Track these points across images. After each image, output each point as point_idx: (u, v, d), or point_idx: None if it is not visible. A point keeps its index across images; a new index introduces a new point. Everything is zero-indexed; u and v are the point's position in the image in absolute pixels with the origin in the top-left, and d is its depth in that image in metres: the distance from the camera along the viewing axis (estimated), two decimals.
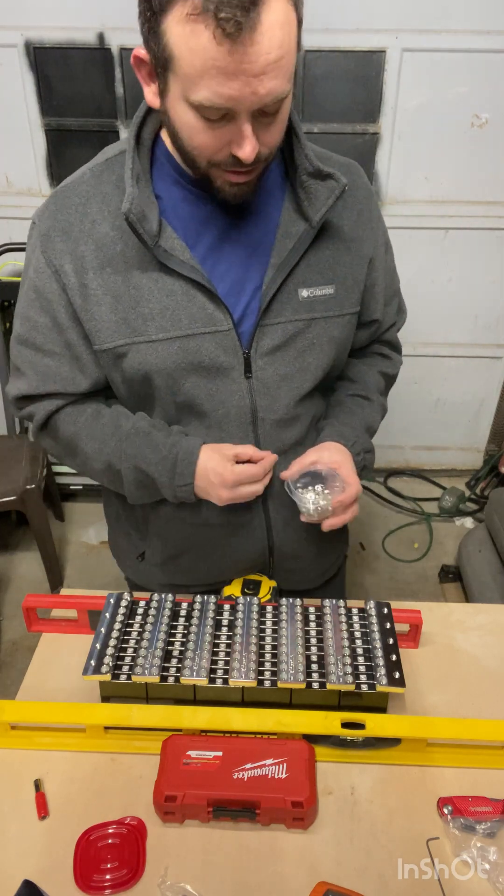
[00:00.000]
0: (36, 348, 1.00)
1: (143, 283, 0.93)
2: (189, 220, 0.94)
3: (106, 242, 0.93)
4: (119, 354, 0.97)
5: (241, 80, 0.73)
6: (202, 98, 0.75)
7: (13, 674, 2.19)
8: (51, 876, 0.77)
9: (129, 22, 2.64)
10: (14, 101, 2.48)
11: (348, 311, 1.03)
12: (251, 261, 0.96)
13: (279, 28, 0.72)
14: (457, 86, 2.36)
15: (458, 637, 1.09)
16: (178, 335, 0.94)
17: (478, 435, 3.08)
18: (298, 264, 0.96)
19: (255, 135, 0.79)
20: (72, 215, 0.93)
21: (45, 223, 0.95)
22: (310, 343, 1.00)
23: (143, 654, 0.94)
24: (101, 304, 0.94)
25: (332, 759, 0.89)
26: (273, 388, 1.00)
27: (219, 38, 0.70)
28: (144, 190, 0.90)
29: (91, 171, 0.96)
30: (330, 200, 0.93)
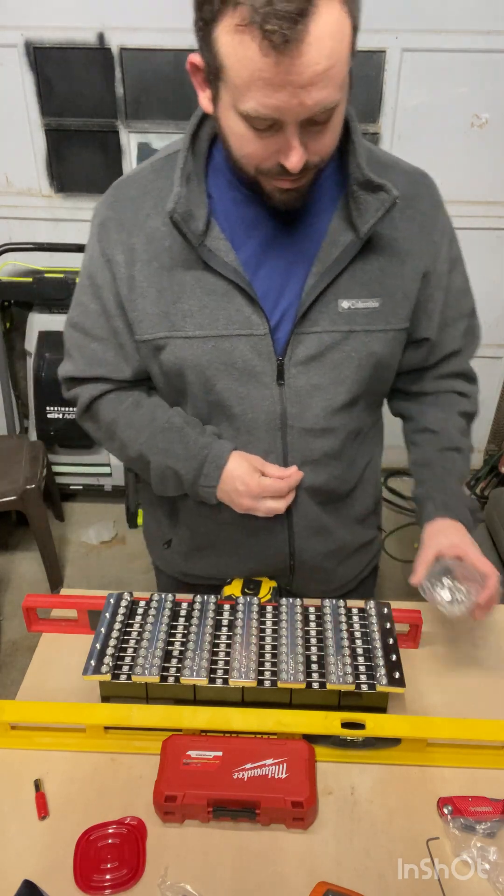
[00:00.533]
0: (85, 333, 1.05)
1: (185, 279, 0.95)
2: (238, 221, 0.94)
3: (156, 237, 0.95)
4: (158, 347, 0.99)
5: (287, 90, 0.72)
6: (249, 108, 0.75)
7: (13, 674, 2.19)
8: (51, 876, 0.77)
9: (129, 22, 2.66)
10: (14, 101, 2.48)
11: (394, 327, 0.99)
12: (295, 267, 0.95)
13: (329, 38, 0.71)
14: (457, 86, 2.36)
15: (458, 637, 1.09)
16: (214, 334, 0.96)
17: (478, 435, 3.06)
18: (342, 275, 0.94)
19: (304, 144, 0.79)
20: (127, 207, 0.97)
21: (103, 213, 0.99)
22: (347, 356, 0.98)
23: (143, 654, 0.94)
24: (146, 296, 0.97)
25: (332, 759, 0.89)
26: (305, 397, 0.99)
27: (265, 49, 0.70)
28: (195, 190, 0.91)
29: (151, 165, 0.98)
30: (379, 212, 0.90)
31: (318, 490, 1.06)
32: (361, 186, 0.90)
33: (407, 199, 0.96)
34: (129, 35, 2.36)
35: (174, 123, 2.54)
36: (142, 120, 2.53)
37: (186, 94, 2.48)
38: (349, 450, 1.07)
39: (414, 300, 1.00)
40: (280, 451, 1.02)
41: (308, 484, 1.04)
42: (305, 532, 1.09)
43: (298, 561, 1.13)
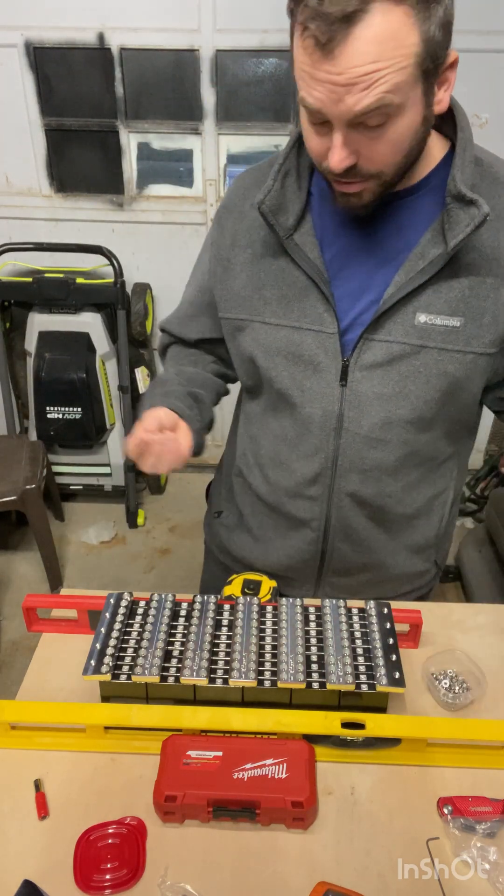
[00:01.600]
0: (186, 294, 1.17)
1: (272, 268, 0.99)
2: (331, 218, 0.96)
3: (255, 226, 1.00)
4: (238, 327, 1.04)
5: (326, 87, 0.74)
6: (302, 97, 0.78)
7: (13, 674, 2.19)
8: (51, 876, 0.77)
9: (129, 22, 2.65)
10: (14, 101, 2.49)
11: (475, 350, 0.94)
12: (378, 272, 0.95)
13: (375, 44, 0.71)
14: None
15: (458, 637, 1.09)
16: (287, 324, 0.99)
17: (478, 435, 3.07)
18: (425, 288, 0.92)
19: (353, 147, 0.79)
20: (240, 196, 1.03)
21: (223, 201, 1.07)
22: (415, 370, 0.95)
23: (143, 654, 0.94)
24: (237, 278, 1.02)
25: (332, 759, 0.89)
26: (365, 403, 0.98)
27: (309, 47, 0.73)
28: (292, 185, 0.94)
29: (270, 159, 1.02)
30: (469, 228, 0.86)
31: (364, 501, 1.05)
32: (455, 200, 0.88)
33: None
34: (129, 35, 2.36)
35: (174, 123, 2.54)
36: (142, 120, 2.53)
37: (186, 94, 2.48)
38: (409, 471, 1.05)
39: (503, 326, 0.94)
40: (331, 452, 1.03)
41: (352, 490, 1.04)
42: (340, 535, 1.09)
43: (329, 563, 1.13)
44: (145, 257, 2.76)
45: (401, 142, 0.81)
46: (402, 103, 0.77)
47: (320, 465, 1.04)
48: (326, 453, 1.03)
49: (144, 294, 2.72)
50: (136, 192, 2.66)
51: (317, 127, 0.81)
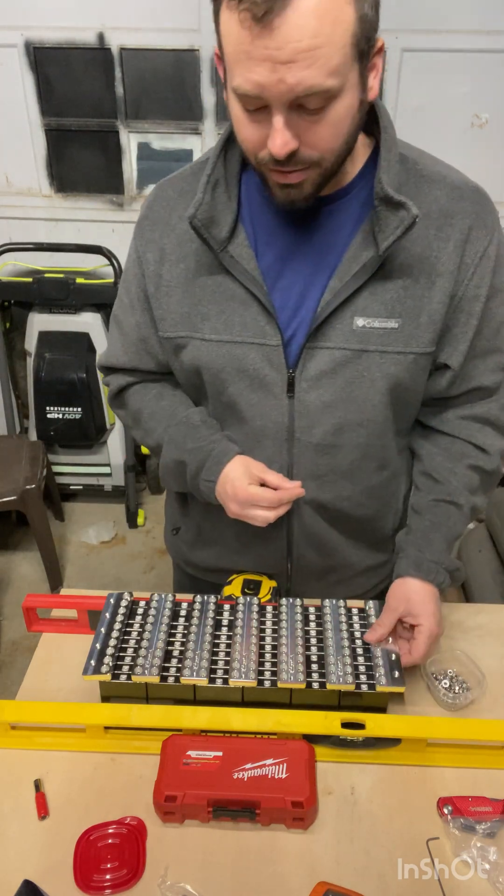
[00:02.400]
0: (118, 324, 1.10)
1: (207, 283, 0.96)
2: (264, 226, 0.93)
3: (185, 239, 0.96)
4: (178, 345, 1.01)
5: (267, 65, 0.71)
6: (237, 84, 0.75)
7: (13, 674, 2.19)
8: (51, 876, 0.77)
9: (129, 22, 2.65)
10: (14, 101, 2.48)
11: (414, 350, 0.94)
12: (315, 278, 0.94)
13: (315, 17, 0.69)
14: (457, 86, 2.36)
15: (458, 637, 1.08)
16: (228, 339, 0.96)
17: None
18: (360, 292, 0.91)
19: (294, 131, 0.76)
20: (163, 208, 0.99)
21: (143, 211, 1.02)
22: (359, 375, 0.95)
23: (143, 654, 0.94)
24: (171, 295, 0.99)
25: (332, 759, 0.89)
26: (314, 412, 0.97)
27: (245, 21, 0.69)
28: (222, 196, 0.91)
29: (191, 167, 0.99)
30: (398, 230, 0.85)
31: (322, 506, 1.05)
32: (383, 203, 0.86)
33: (446, 216, 0.91)
34: (129, 35, 2.36)
35: (174, 123, 2.54)
36: (142, 120, 2.53)
37: (186, 94, 2.48)
38: (364, 472, 1.04)
39: (440, 324, 0.93)
40: (285, 462, 1.02)
41: (311, 497, 1.03)
42: (304, 542, 1.09)
43: (296, 568, 1.13)
44: None
45: (341, 125, 0.79)
46: (342, 85, 0.75)
47: None
48: (281, 464, 1.02)
49: None
50: (136, 192, 2.66)
51: (252, 114, 0.77)
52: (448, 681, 0.98)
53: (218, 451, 1.00)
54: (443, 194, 0.91)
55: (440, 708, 0.97)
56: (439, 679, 0.99)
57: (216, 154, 0.91)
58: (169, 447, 1.05)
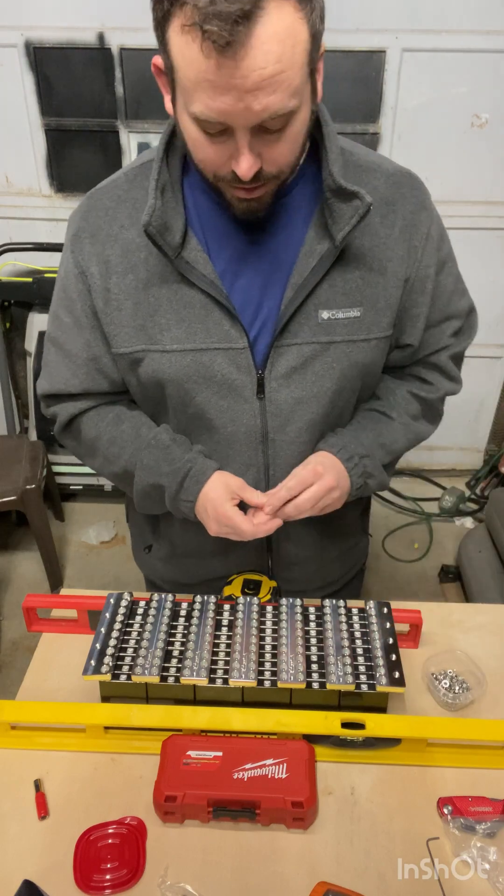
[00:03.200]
0: (60, 347, 1.02)
1: (162, 292, 0.93)
2: (214, 230, 0.92)
3: (132, 248, 0.93)
4: (135, 360, 0.97)
5: (232, 94, 0.70)
6: (197, 111, 0.73)
7: (13, 674, 2.19)
8: (51, 876, 0.77)
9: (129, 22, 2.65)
10: (14, 101, 2.48)
11: (376, 336, 0.97)
12: (272, 278, 0.93)
13: (276, 42, 0.68)
14: (457, 86, 2.36)
15: (458, 637, 1.09)
16: (192, 348, 0.94)
17: (478, 435, 3.08)
18: (321, 285, 0.92)
19: (257, 151, 0.77)
20: (101, 218, 0.94)
21: (77, 224, 0.97)
22: (328, 367, 0.96)
23: (143, 654, 0.94)
24: (122, 308, 0.95)
25: (332, 759, 0.89)
26: (286, 410, 0.98)
27: (206, 51, 0.68)
28: (171, 201, 0.89)
29: (125, 175, 0.96)
30: (353, 220, 0.86)
31: None
32: (335, 194, 0.87)
33: (388, 204, 0.93)
34: (129, 35, 2.36)
35: None
36: (142, 120, 2.53)
37: None
38: None
39: (397, 307, 0.97)
40: (261, 464, 1.02)
41: None
42: (283, 538, 1.09)
43: (276, 562, 1.13)
44: None
45: (298, 140, 0.80)
46: (301, 102, 0.75)
47: (253, 479, 1.02)
48: (257, 466, 1.02)
49: None
50: None
51: (212, 136, 0.76)
52: (448, 681, 0.98)
53: (196, 471, 0.98)
54: (381, 183, 0.94)
55: (440, 708, 0.97)
56: (439, 679, 0.99)
57: (160, 158, 0.89)
58: (142, 473, 1.01)
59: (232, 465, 1.01)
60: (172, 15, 0.70)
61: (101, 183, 0.98)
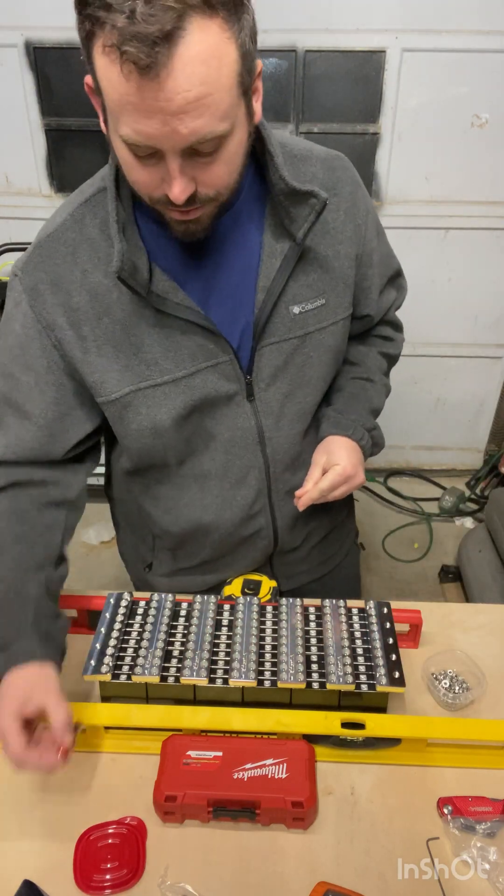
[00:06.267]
0: (16, 408, 0.95)
1: (141, 329, 0.91)
2: (175, 256, 0.90)
3: (100, 291, 0.89)
4: (126, 403, 0.94)
5: (158, 118, 0.67)
6: (124, 134, 0.71)
7: None
8: (51, 876, 0.77)
9: None
10: (14, 101, 2.48)
11: (341, 317, 1.01)
12: (242, 286, 0.94)
13: (200, 64, 0.65)
14: (457, 86, 2.36)
15: (458, 637, 1.09)
16: (182, 374, 0.93)
17: (478, 435, 3.08)
18: (287, 282, 0.93)
19: (190, 175, 0.74)
20: (60, 266, 0.89)
21: (32, 276, 0.90)
22: (307, 357, 0.99)
23: (143, 654, 0.94)
24: (102, 354, 0.91)
25: (332, 759, 0.89)
26: (277, 407, 1.00)
27: (126, 73, 0.65)
28: (132, 238, 0.87)
29: (72, 216, 0.90)
30: (311, 217, 0.88)
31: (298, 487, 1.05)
32: (288, 196, 0.87)
33: (328, 189, 0.93)
34: None
35: None
36: None
37: None
38: None
39: (353, 285, 1.01)
40: (262, 464, 1.03)
41: (290, 487, 1.06)
42: (287, 528, 1.12)
43: (279, 551, 1.15)
44: None
45: (233, 162, 0.77)
46: (233, 125, 0.73)
47: (256, 480, 1.04)
48: (258, 467, 1.03)
49: None
50: None
51: (143, 159, 0.74)
52: (448, 681, 0.98)
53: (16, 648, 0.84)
54: (318, 169, 0.95)
55: (440, 708, 0.97)
56: (439, 679, 0.99)
57: (114, 195, 0.86)
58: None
59: (234, 470, 1.03)
60: (95, 35, 0.66)
61: (44, 229, 0.92)
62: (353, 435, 1.05)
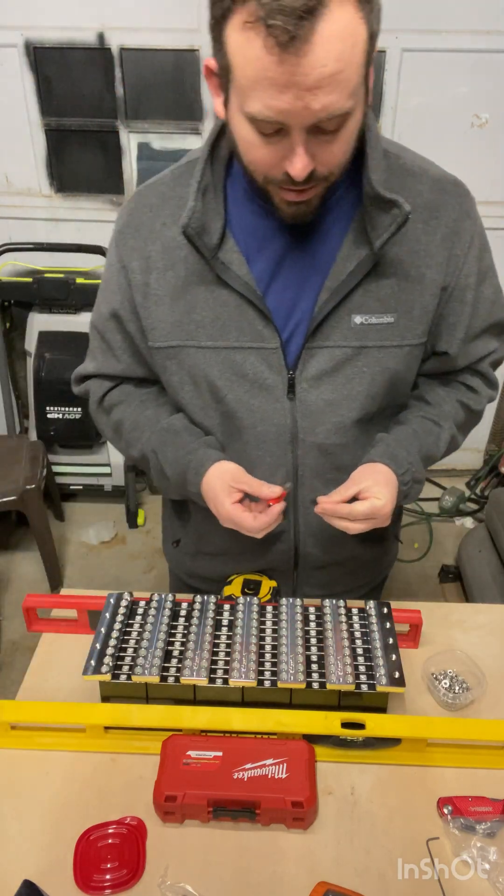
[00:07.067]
0: (101, 336, 1.06)
1: (199, 290, 0.95)
2: (253, 233, 0.93)
3: (172, 246, 0.94)
4: (170, 355, 0.99)
5: (292, 92, 0.70)
6: (254, 110, 0.73)
7: (13, 674, 2.19)
8: (51, 876, 0.77)
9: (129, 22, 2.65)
10: (14, 101, 2.48)
11: (409, 343, 0.97)
12: (309, 281, 0.94)
13: (338, 40, 0.68)
14: (457, 86, 2.36)
15: (458, 637, 1.09)
16: (225, 346, 0.95)
17: (478, 435, 3.08)
18: (356, 290, 0.92)
19: (311, 152, 0.76)
20: (145, 215, 0.96)
21: (123, 219, 0.99)
22: (359, 371, 0.96)
23: (143, 654, 0.94)
24: (161, 304, 0.97)
25: (332, 759, 0.89)
26: (316, 412, 0.98)
27: (269, 46, 0.67)
28: (211, 202, 0.90)
29: (172, 172, 0.97)
30: (392, 228, 0.87)
31: None
32: (373, 202, 0.87)
33: (430, 210, 0.93)
34: (129, 35, 2.36)
35: (174, 123, 2.54)
36: (142, 120, 2.53)
37: (186, 94, 2.48)
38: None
39: (432, 315, 0.97)
40: (290, 465, 1.02)
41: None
42: (310, 540, 1.09)
43: (302, 565, 1.13)
44: None
45: (350, 141, 0.80)
46: (357, 103, 0.75)
47: (282, 481, 1.02)
48: (287, 467, 1.02)
49: None
50: None
51: (267, 137, 0.76)
52: (448, 681, 0.98)
53: (195, 463, 0.99)
54: (426, 188, 0.93)
55: (440, 708, 0.97)
56: (439, 679, 0.99)
57: (204, 160, 0.90)
58: (153, 456, 1.04)
59: (261, 465, 1.02)
60: (232, 12, 0.70)
61: (149, 180, 1.00)
62: (402, 478, 0.99)
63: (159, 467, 1.04)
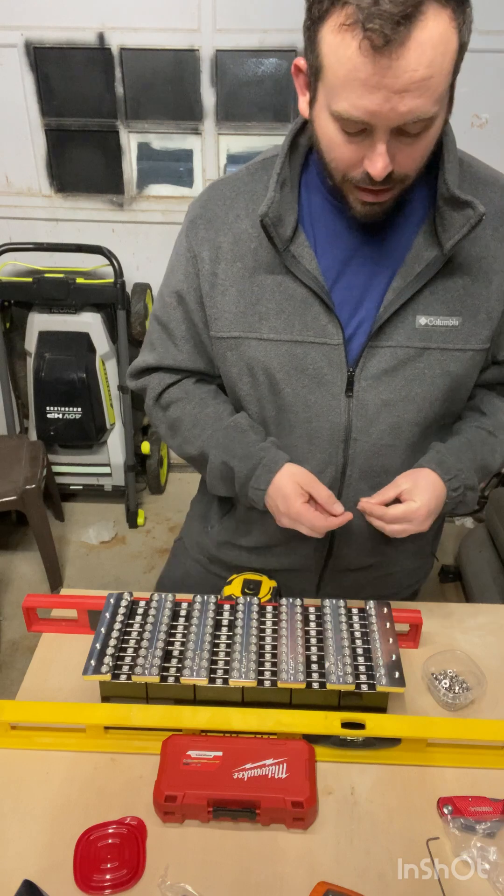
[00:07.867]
0: (164, 326, 1.07)
1: (266, 282, 0.96)
2: (325, 229, 0.94)
3: (243, 238, 0.97)
4: (231, 346, 1.00)
5: (381, 94, 0.72)
6: (342, 109, 0.75)
7: (13, 674, 2.19)
8: (51, 876, 0.77)
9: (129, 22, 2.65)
10: (14, 101, 2.48)
11: (473, 347, 0.97)
12: (376, 279, 0.95)
13: (431, 47, 0.71)
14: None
15: (458, 637, 1.09)
16: (288, 339, 0.97)
17: None
18: (423, 291, 0.93)
19: (391, 154, 0.78)
20: (219, 207, 0.99)
21: (195, 210, 1.02)
22: (420, 373, 0.97)
23: (143, 654, 0.94)
24: (226, 294, 0.98)
25: (332, 759, 0.89)
26: (372, 411, 0.98)
27: (364, 49, 0.70)
28: (288, 195, 0.92)
29: (247, 168, 1.00)
30: (464, 229, 0.87)
31: None
32: (447, 202, 0.88)
33: (500, 217, 0.94)
34: (129, 35, 2.36)
35: (174, 123, 2.54)
36: (142, 120, 2.53)
37: (186, 94, 2.48)
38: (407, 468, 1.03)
39: (497, 321, 0.97)
40: (340, 463, 1.02)
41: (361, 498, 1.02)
42: (347, 541, 1.09)
43: (333, 565, 1.13)
44: (145, 257, 2.76)
45: (430, 146, 0.83)
46: (441, 109, 0.78)
47: (330, 478, 1.03)
48: (336, 465, 1.02)
49: (144, 294, 2.72)
50: (136, 192, 2.66)
51: (351, 136, 0.79)
52: (448, 681, 0.98)
53: (268, 460, 1.00)
54: (497, 196, 0.94)
55: (440, 708, 0.97)
56: (439, 679, 0.99)
57: (284, 154, 0.92)
58: (217, 451, 1.04)
59: (311, 461, 1.02)
60: (330, 14, 0.73)
61: (224, 176, 1.04)
62: (450, 483, 0.99)
63: (221, 460, 1.03)
